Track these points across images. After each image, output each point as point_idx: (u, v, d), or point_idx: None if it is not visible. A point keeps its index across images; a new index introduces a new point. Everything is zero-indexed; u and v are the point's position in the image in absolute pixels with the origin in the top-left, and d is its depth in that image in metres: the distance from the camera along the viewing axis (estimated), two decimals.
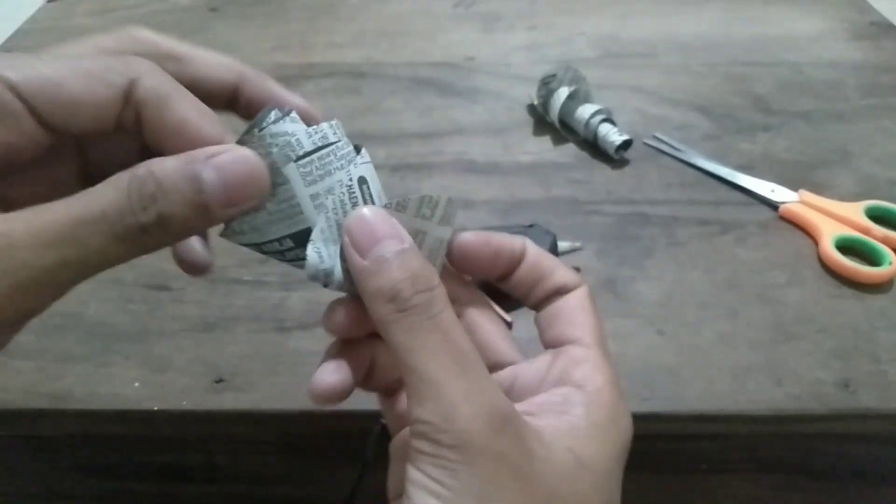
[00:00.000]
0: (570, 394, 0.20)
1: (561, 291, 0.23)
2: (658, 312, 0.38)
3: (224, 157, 0.18)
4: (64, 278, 0.17)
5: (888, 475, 0.40)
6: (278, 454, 0.39)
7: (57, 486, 0.42)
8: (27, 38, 0.65)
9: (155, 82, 0.19)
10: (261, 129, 0.19)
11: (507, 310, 0.37)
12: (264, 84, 0.22)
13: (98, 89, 0.18)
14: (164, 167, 0.17)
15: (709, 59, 0.60)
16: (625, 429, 0.21)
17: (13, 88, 0.17)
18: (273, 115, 0.19)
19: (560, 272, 0.23)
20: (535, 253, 0.24)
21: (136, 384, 0.35)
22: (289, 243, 0.20)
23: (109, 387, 0.35)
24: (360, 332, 0.21)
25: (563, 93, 0.50)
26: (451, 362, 0.18)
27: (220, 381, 0.35)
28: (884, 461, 0.39)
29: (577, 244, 0.41)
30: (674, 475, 0.40)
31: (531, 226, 0.40)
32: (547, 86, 0.52)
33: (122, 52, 0.20)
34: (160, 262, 0.21)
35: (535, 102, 0.53)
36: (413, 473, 0.18)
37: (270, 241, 0.20)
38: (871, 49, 0.61)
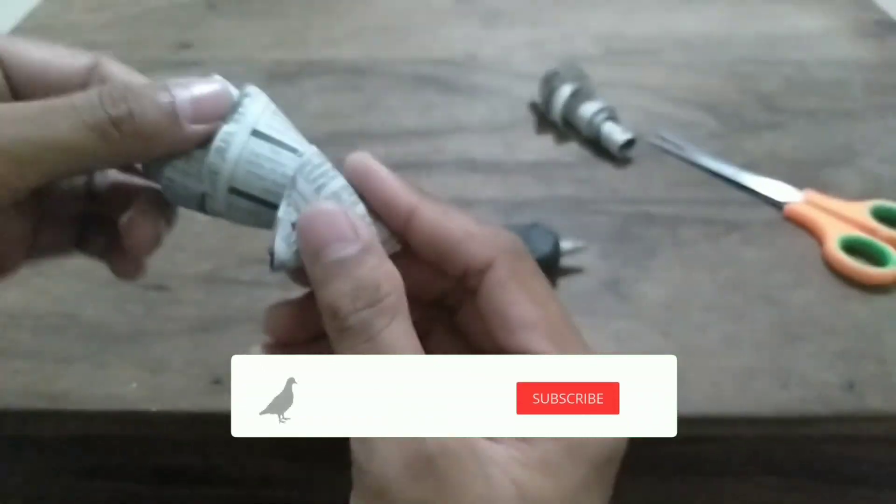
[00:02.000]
0: None
1: (472, 271, 0.19)
2: (662, 313, 0.38)
3: (191, 79, 0.20)
4: (37, 157, 0.18)
5: (894, 477, 0.40)
6: (276, 456, 0.39)
7: (53, 488, 0.42)
8: (25, 35, 0.64)
9: (116, 66, 0.22)
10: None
11: None
12: None
13: (66, 59, 0.21)
14: (133, 79, 0.21)
15: (714, 57, 0.60)
16: (598, 448, 0.18)
17: None
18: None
19: (466, 245, 0.19)
20: (431, 214, 0.19)
21: (134, 385, 0.34)
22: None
23: (106, 388, 0.34)
24: (303, 334, 0.20)
25: (565, 91, 0.50)
26: None
27: (217, 381, 0.34)
28: (890, 464, 0.39)
29: (581, 244, 0.40)
30: (678, 478, 0.40)
31: (533, 225, 0.40)
32: (549, 83, 0.51)
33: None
34: (157, 262, 0.21)
35: (538, 100, 0.53)
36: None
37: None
38: (877, 47, 0.61)
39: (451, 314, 0.22)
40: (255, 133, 0.20)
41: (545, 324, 0.19)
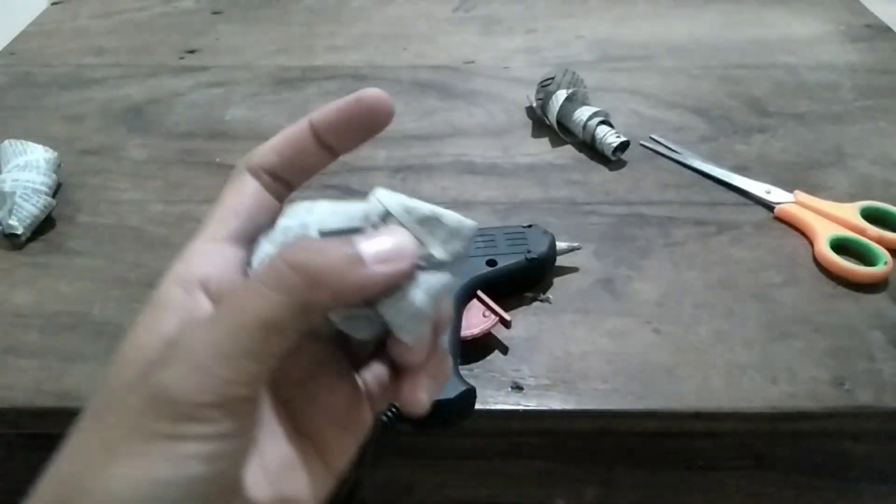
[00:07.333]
0: None
1: None
2: (655, 311, 0.39)
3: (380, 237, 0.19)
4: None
5: (882, 472, 0.40)
6: None
7: None
8: (32, 40, 0.65)
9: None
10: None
11: (507, 309, 0.37)
12: None
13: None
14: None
15: (705, 62, 0.61)
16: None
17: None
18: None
19: None
20: None
21: None
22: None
23: None
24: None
25: (561, 95, 0.51)
26: None
27: None
28: (878, 458, 0.40)
29: (576, 244, 0.41)
30: (670, 472, 0.40)
31: (530, 226, 0.41)
32: (545, 88, 0.52)
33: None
34: (163, 261, 0.22)
35: (534, 105, 0.54)
36: None
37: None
38: (867, 51, 0.62)
39: None
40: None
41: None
